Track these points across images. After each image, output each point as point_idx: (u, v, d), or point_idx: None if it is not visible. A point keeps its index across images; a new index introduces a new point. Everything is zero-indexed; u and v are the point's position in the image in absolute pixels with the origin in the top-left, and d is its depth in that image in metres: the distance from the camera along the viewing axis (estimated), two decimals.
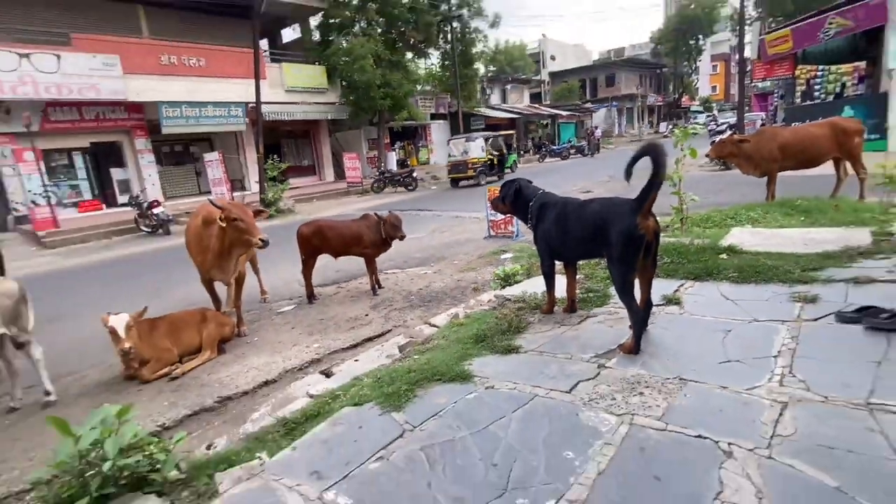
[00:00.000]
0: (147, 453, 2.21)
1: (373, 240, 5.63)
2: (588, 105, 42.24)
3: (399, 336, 4.20)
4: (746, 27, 21.82)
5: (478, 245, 7.98)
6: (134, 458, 2.15)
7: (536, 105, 39.52)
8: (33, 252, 12.52)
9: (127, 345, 3.81)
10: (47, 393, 3.85)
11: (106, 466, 2.06)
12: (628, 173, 2.83)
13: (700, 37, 47.83)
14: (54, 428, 2.15)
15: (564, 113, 37.36)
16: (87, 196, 16.22)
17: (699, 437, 2.03)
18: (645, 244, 2.80)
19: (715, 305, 3.41)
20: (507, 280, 4.87)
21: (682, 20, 46.23)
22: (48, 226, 13.69)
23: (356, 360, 3.76)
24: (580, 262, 4.61)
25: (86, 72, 14.35)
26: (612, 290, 3.92)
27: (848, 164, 7.04)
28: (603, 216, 2.95)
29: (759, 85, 23.52)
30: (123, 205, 15.56)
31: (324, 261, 6.31)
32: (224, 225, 4.31)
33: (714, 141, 14.81)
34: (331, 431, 2.41)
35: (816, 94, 15.79)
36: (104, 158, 16.67)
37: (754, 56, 21.94)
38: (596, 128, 33.47)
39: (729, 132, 17.51)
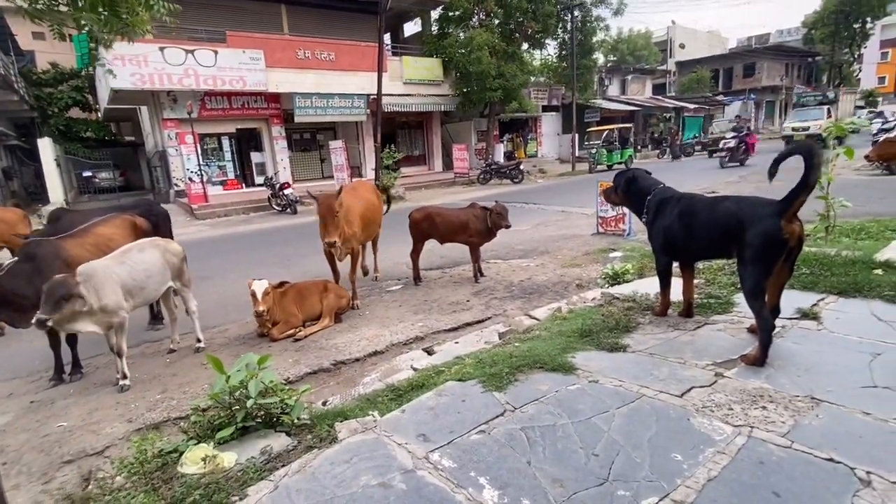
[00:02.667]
0: (280, 398, 2.54)
1: (478, 229, 5.76)
2: (720, 97, 38.37)
3: (499, 324, 4.29)
4: None
5: (584, 241, 7.77)
6: (270, 400, 2.48)
7: (659, 97, 36.88)
8: (188, 222, 14.56)
9: (261, 307, 4.34)
10: (198, 340, 4.53)
11: (249, 403, 2.41)
12: (772, 172, 2.64)
13: (868, 19, 41.07)
14: (211, 365, 2.55)
15: (691, 105, 34.43)
16: (231, 176, 18.40)
17: (830, 460, 1.85)
18: (787, 250, 2.64)
19: (862, 324, 3.03)
20: (615, 278, 4.72)
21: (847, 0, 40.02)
22: (200, 200, 15.81)
23: (456, 343, 3.93)
24: (699, 266, 4.34)
25: (236, 65, 16.24)
26: (737, 298, 3.67)
27: None
28: (741, 215, 2.79)
29: None
30: (259, 185, 17.42)
31: (430, 245, 6.58)
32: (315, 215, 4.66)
33: (877, 141, 12.71)
34: (436, 400, 2.57)
35: None
36: (245, 143, 18.78)
37: None
38: (740, 119, 30.39)
39: None
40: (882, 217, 6.24)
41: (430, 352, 3.88)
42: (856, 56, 44.96)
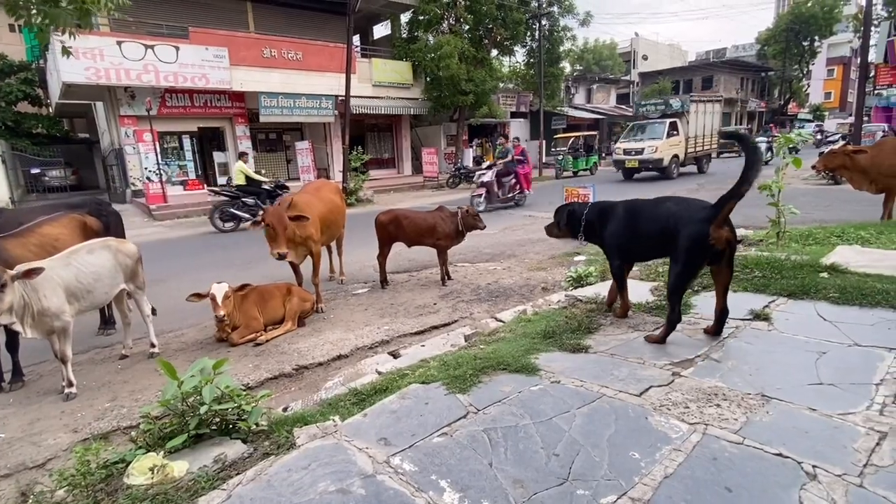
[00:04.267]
0: (236, 404, 2.45)
1: (446, 232, 5.77)
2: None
3: (465, 327, 4.30)
4: (872, 28, 19.58)
5: (550, 245, 7.87)
6: (226, 406, 2.39)
7: (623, 106, 37.94)
8: (145, 223, 14.00)
9: (221, 312, 4.20)
10: (152, 345, 4.34)
11: (203, 409, 2.32)
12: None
13: (816, 38, 43.47)
14: (163, 370, 2.44)
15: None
16: (192, 176, 17.83)
17: (779, 455, 1.92)
18: (714, 253, 2.82)
19: (809, 325, 3.17)
20: (579, 281, 4.80)
21: (796, 19, 42.21)
22: (159, 200, 15.24)
23: (422, 346, 3.91)
24: (658, 269, 4.46)
25: (198, 62, 15.78)
26: (694, 300, 3.80)
27: None
28: (675, 216, 2.96)
29: (885, 93, 21.02)
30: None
31: (397, 249, 6.54)
32: (263, 225, 4.64)
33: (823, 152, 13.43)
34: (399, 404, 2.54)
35: None
36: (208, 142, 18.25)
37: (880, 60, 19.60)
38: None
39: (842, 142, 15.72)
40: (827, 224, 6.58)
41: (395, 355, 3.84)
42: (804, 72, 47.48)
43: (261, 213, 4.72)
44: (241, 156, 12.54)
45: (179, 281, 6.92)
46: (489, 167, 12.66)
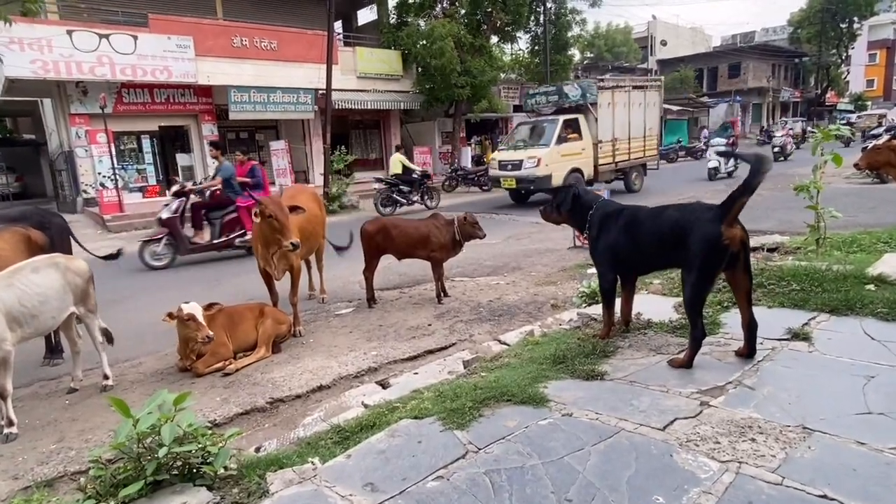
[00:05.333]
0: (201, 445, 2.43)
1: (441, 242, 5.77)
2: (704, 99, 40.21)
3: (464, 351, 4.29)
4: None
5: (560, 256, 7.90)
6: (188, 448, 2.36)
7: None
8: (99, 234, 13.97)
9: (209, 332, 4.18)
10: (106, 377, 4.30)
11: (162, 452, 2.28)
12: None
13: (855, 18, 44.11)
14: (115, 408, 2.41)
15: (674, 108, 35.93)
16: (153, 181, 17.83)
17: (823, 496, 1.91)
18: (729, 255, 2.91)
19: (855, 345, 3.18)
20: (593, 297, 4.80)
21: None
22: (114, 209, 15.23)
23: (415, 374, 3.91)
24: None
25: (160, 53, 15.87)
26: (724, 318, 3.81)
27: None
28: (682, 223, 3.07)
29: None
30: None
31: (386, 262, 6.53)
32: (258, 220, 4.65)
33: (867, 147, 13.55)
34: (388, 442, 2.52)
35: None
36: (170, 143, 18.29)
37: None
38: (704, 128, 31.84)
39: (886, 136, 15.91)
40: (873, 228, 6.62)
41: (384, 385, 3.84)
42: (843, 57, 48.08)
43: (256, 207, 4.73)
44: (398, 148, 16.59)
45: (136, 302, 6.89)
46: (177, 195, 9.30)
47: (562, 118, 14.09)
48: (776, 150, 20.55)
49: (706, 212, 3.02)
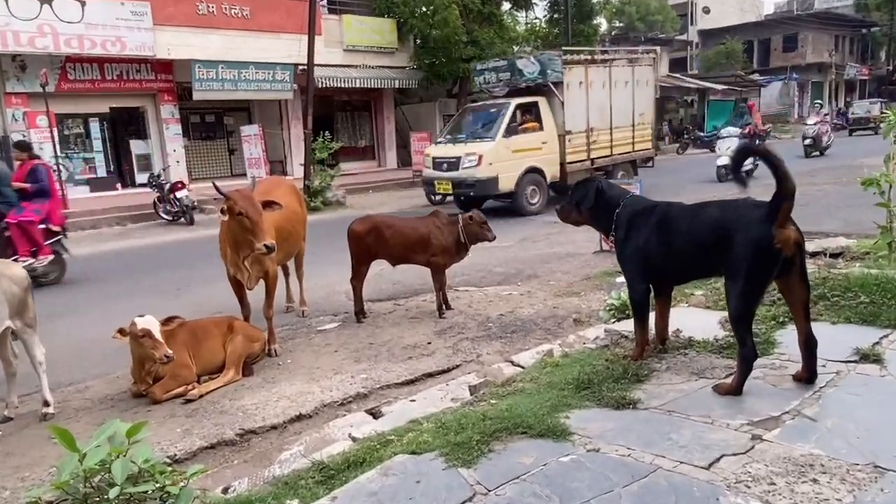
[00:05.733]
0: (159, 485, 2.43)
1: (443, 244, 5.78)
2: (755, 76, 40.27)
3: (470, 374, 4.30)
4: None
5: (584, 262, 7.90)
6: (144, 488, 2.36)
7: (679, 75, 38.40)
8: None
9: (168, 351, 4.18)
10: (46, 403, 4.31)
11: (112, 493, 2.28)
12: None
13: None
14: (57, 439, 2.41)
15: (718, 87, 36.00)
16: (102, 173, 17.96)
17: None
18: (782, 261, 2.92)
19: None
20: (623, 311, 4.80)
21: None
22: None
23: (412, 400, 3.92)
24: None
25: (111, 21, 16.00)
26: (779, 336, 3.81)
27: None
28: (724, 222, 3.09)
29: None
30: (142, 185, 17.03)
31: (379, 268, 6.54)
32: (225, 218, 4.67)
33: None
34: (381, 482, 2.52)
35: None
36: (123, 128, 18.40)
37: None
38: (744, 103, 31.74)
39: None
40: None
41: (375, 414, 3.85)
42: None
43: (224, 203, 4.72)
44: None
45: (81, 316, 6.92)
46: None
47: (514, 102, 12.96)
48: (808, 142, 19.62)
49: (753, 210, 3.02)
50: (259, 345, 5.01)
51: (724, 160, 14.57)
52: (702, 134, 28.88)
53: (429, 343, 5.23)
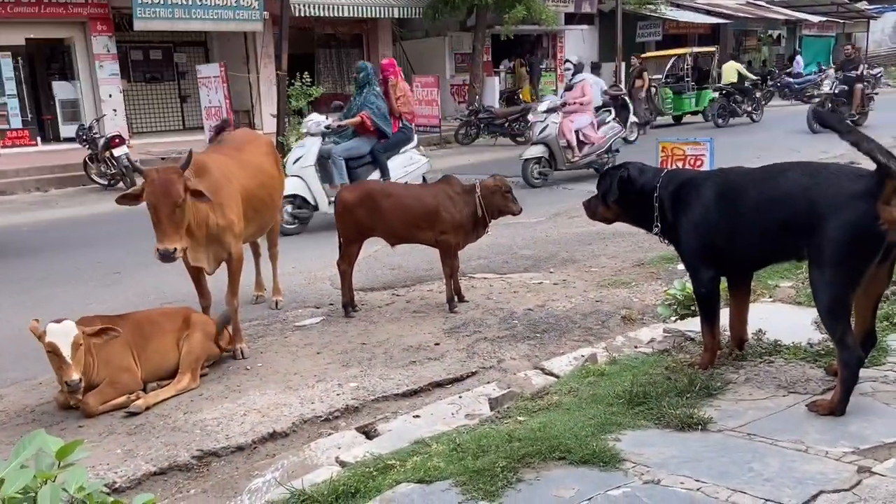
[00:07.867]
0: None
1: (456, 219, 5.76)
2: (863, 4, 39.65)
3: (489, 384, 4.29)
4: None
5: (635, 243, 7.85)
6: None
7: (762, 2, 37.96)
8: None
9: (75, 376, 4.17)
10: None
11: None
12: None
13: None
14: None
15: (814, 18, 35.51)
16: (16, 123, 17.93)
17: None
18: (885, 247, 2.91)
19: None
20: (687, 306, 4.80)
21: None
22: None
23: (416, 416, 3.92)
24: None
25: None
26: (892, 342, 3.79)
27: None
28: (814, 194, 3.05)
29: None
30: (69, 139, 17.02)
31: (375, 246, 6.53)
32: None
33: None
34: None
35: None
36: (44, 66, 18.36)
37: None
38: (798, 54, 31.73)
39: None
40: None
41: (369, 433, 3.86)
42: None
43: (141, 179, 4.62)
44: (733, 57, 23.08)
45: None
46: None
47: None
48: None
49: (852, 181, 3.00)
50: (222, 343, 5.03)
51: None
52: (791, 80, 28.44)
53: (436, 344, 5.24)
